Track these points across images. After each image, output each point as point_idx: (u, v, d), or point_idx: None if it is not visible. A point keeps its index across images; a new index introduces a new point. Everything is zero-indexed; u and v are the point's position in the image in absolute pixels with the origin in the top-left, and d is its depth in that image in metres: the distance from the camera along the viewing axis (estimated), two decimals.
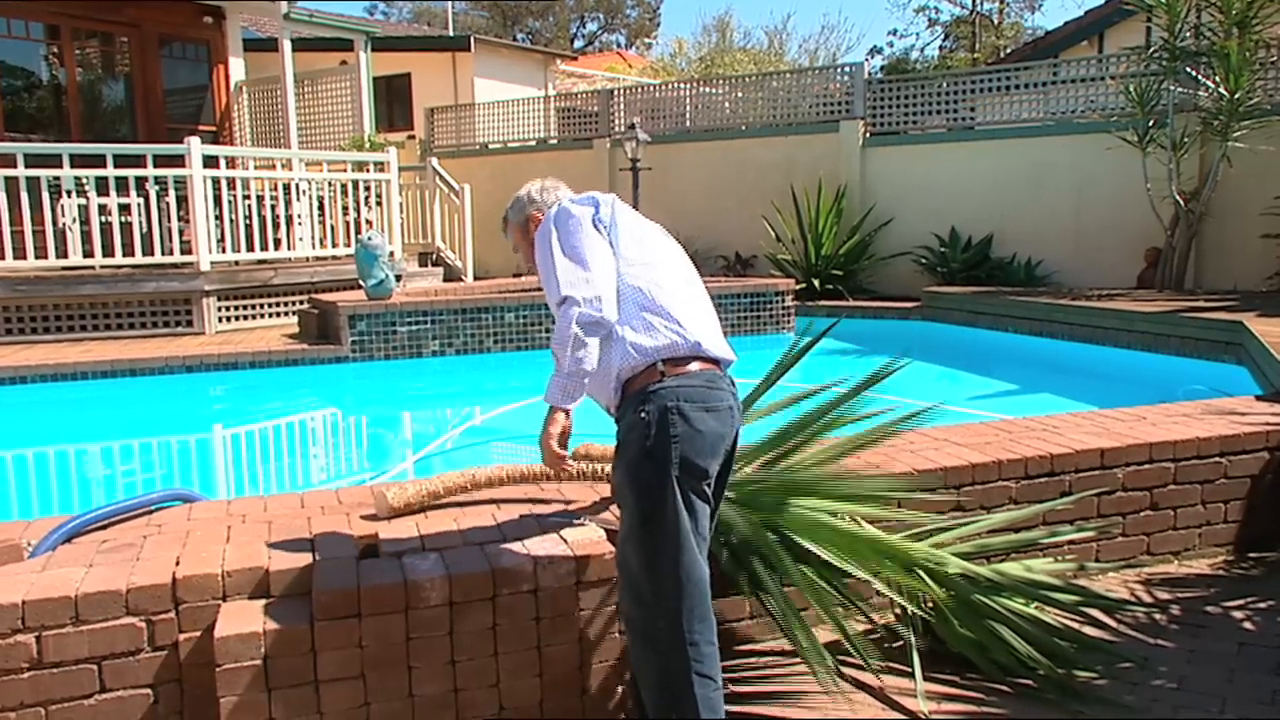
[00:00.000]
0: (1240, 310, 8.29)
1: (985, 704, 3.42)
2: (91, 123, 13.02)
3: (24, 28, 12.45)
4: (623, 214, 3.10)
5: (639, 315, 2.86)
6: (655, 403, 2.74)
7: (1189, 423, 4.81)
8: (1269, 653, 3.76)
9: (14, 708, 2.88)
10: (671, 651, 2.75)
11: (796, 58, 32.91)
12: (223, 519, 3.58)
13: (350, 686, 2.94)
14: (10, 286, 9.39)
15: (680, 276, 3.06)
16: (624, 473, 2.83)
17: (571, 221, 2.98)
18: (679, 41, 35.31)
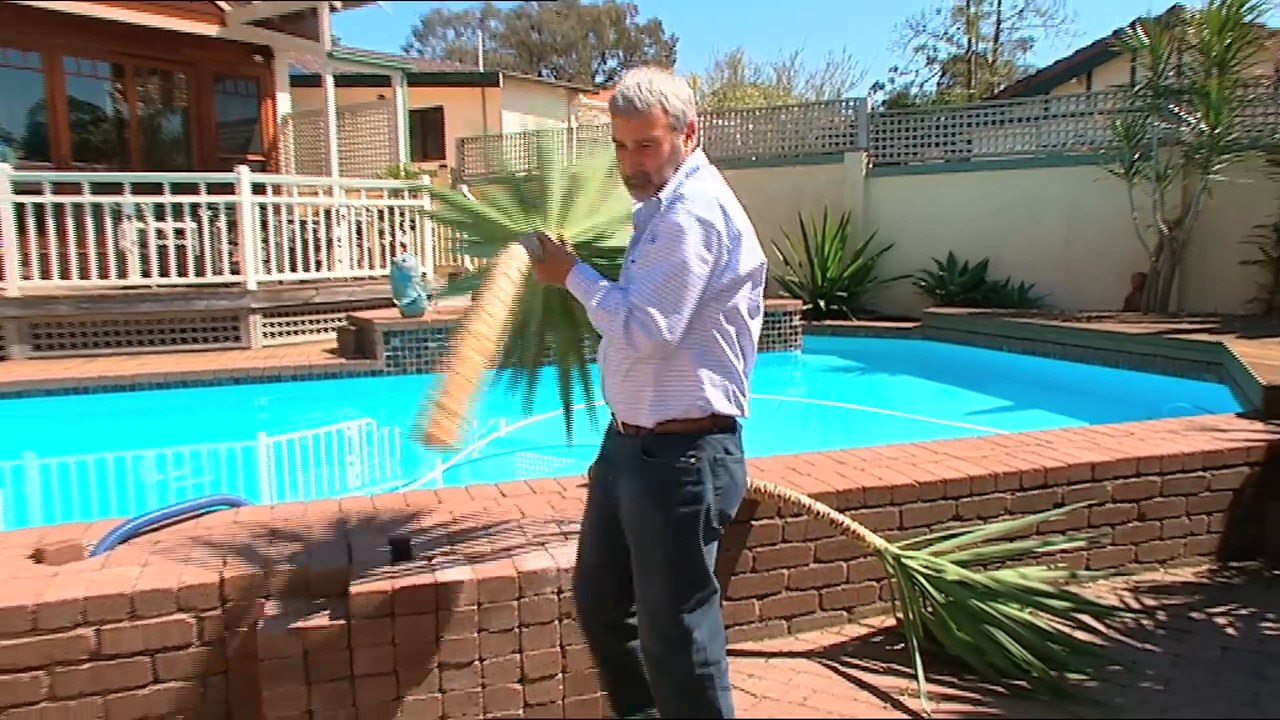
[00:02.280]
0: (1221, 332, 8.23)
1: (981, 704, 3.40)
2: (151, 153, 13.21)
3: (91, 66, 12.72)
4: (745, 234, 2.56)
5: (720, 368, 2.55)
6: (706, 451, 2.52)
7: (1174, 438, 4.78)
8: (1250, 656, 3.73)
9: (74, 696, 2.90)
10: (695, 679, 2.57)
11: (804, 92, 32.96)
12: (266, 523, 3.59)
13: (383, 682, 2.95)
14: (76, 304, 9.48)
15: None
16: (663, 517, 2.51)
17: (712, 248, 2.44)
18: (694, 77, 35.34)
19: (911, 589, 3.65)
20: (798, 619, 3.93)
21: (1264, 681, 3.54)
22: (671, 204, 2.47)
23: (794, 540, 3.87)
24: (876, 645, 3.85)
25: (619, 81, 2.44)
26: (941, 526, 4.06)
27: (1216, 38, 9.76)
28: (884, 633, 3.93)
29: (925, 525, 4.05)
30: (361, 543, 3.30)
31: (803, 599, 3.93)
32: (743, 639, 3.85)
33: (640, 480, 2.54)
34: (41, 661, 2.87)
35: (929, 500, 4.06)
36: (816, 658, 3.76)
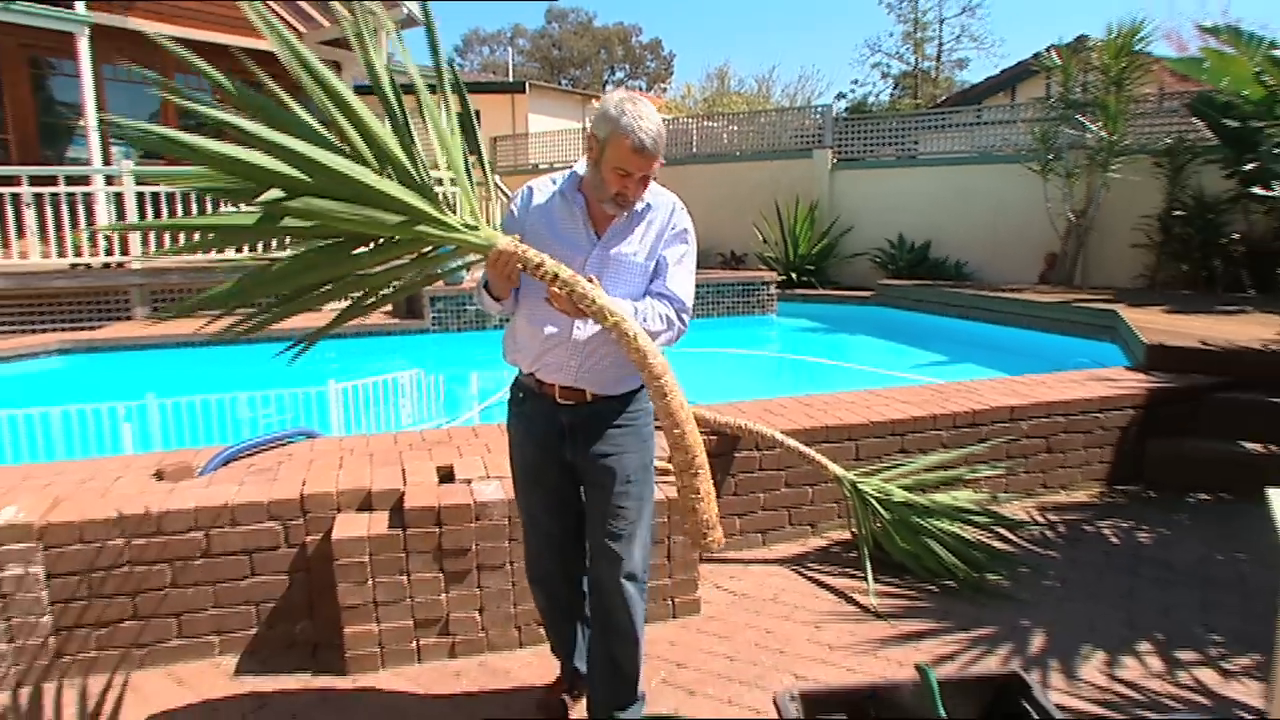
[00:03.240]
0: (1115, 302, 8.20)
1: (918, 599, 3.42)
2: None
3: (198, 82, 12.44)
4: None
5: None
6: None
7: (1076, 387, 4.77)
8: (1128, 559, 3.76)
9: (190, 585, 2.96)
10: (644, 598, 2.44)
11: (780, 99, 32.47)
12: (336, 451, 3.60)
13: (433, 579, 2.97)
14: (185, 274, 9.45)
15: None
16: (641, 459, 2.40)
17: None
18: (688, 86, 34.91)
19: (864, 509, 3.66)
20: (771, 533, 3.96)
21: (1137, 577, 3.58)
22: (672, 210, 2.35)
23: (769, 469, 3.88)
24: (835, 554, 3.87)
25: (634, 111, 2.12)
26: (889, 458, 4.07)
27: (1114, 61, 9.79)
28: (840, 544, 3.96)
29: (876, 457, 4.06)
30: (414, 467, 3.31)
31: (775, 517, 3.95)
32: (726, 549, 3.87)
33: (627, 433, 2.37)
34: (166, 557, 2.92)
35: (880, 436, 4.07)
36: (786, 564, 3.78)
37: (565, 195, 2.30)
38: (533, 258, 2.07)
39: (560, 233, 2.28)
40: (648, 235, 2.32)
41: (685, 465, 2.10)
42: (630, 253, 2.30)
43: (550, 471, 2.40)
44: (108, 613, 2.91)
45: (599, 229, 2.30)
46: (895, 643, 3.08)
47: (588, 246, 2.28)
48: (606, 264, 2.28)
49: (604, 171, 2.17)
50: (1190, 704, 2.67)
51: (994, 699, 2.31)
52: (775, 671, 2.90)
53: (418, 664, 2.99)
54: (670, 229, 2.34)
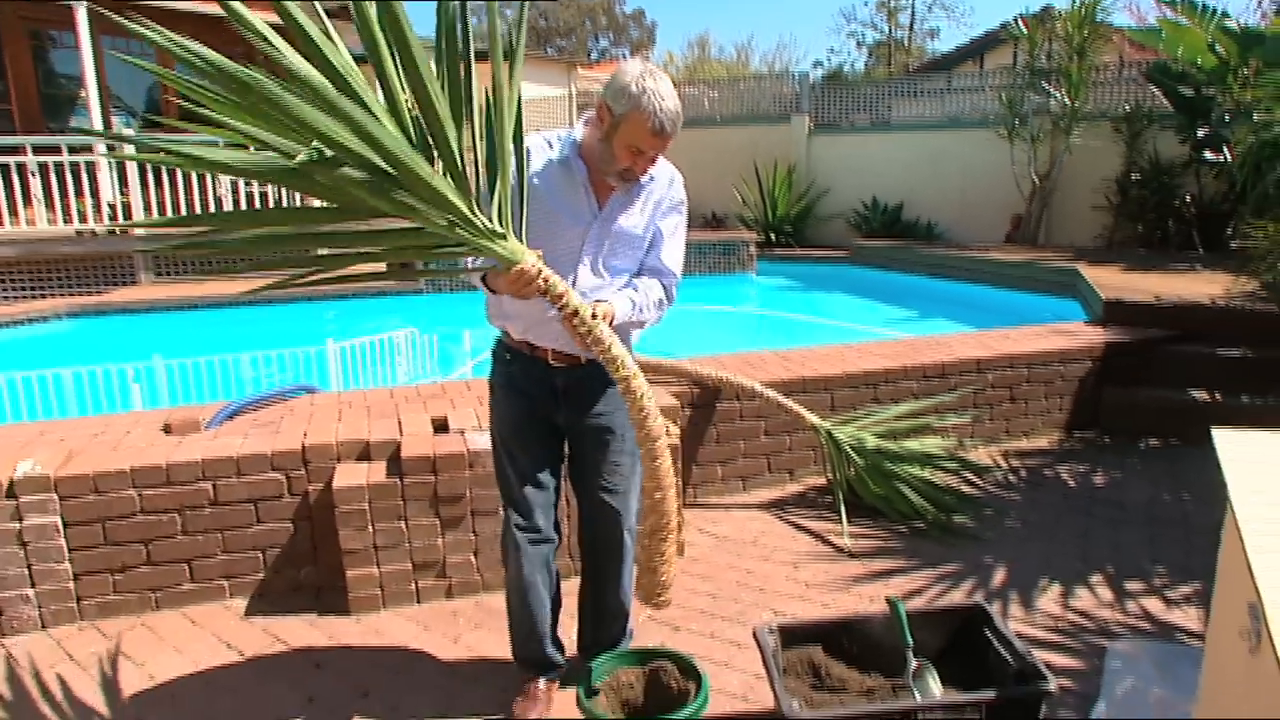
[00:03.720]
0: (1075, 260, 8.21)
1: (889, 540, 3.47)
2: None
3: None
4: None
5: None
6: None
7: (1038, 339, 4.80)
8: (1084, 501, 3.81)
9: (200, 532, 2.97)
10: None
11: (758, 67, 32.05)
12: (335, 405, 3.58)
13: (429, 524, 2.98)
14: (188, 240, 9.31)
15: None
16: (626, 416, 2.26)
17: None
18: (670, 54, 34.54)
19: (839, 455, 3.69)
20: (751, 479, 3.99)
21: (1091, 517, 3.64)
22: (670, 181, 2.24)
23: (748, 419, 3.89)
24: (811, 499, 3.91)
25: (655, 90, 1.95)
26: (863, 407, 4.09)
27: (1076, 31, 9.69)
28: (817, 489, 3.99)
29: (851, 406, 4.08)
30: (410, 419, 3.30)
31: (755, 464, 3.98)
32: (708, 494, 3.90)
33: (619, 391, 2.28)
34: (175, 506, 2.92)
35: (854, 387, 4.08)
36: (765, 508, 3.82)
37: (567, 163, 2.11)
38: (556, 285, 1.83)
39: (560, 202, 2.11)
40: (647, 206, 2.19)
41: (657, 528, 1.98)
42: (631, 226, 2.17)
43: (541, 431, 2.28)
44: (123, 559, 2.91)
45: (600, 199, 2.14)
46: (868, 580, 3.12)
47: (589, 218, 2.13)
48: (606, 237, 2.15)
49: (616, 146, 2.01)
50: (1136, 630, 2.73)
51: (958, 628, 2.35)
52: (755, 608, 2.94)
53: (417, 604, 3.01)
54: (669, 200, 2.23)
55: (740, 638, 2.72)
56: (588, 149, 2.11)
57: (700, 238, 10.93)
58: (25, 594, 2.84)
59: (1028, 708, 2.03)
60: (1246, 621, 1.50)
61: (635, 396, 1.86)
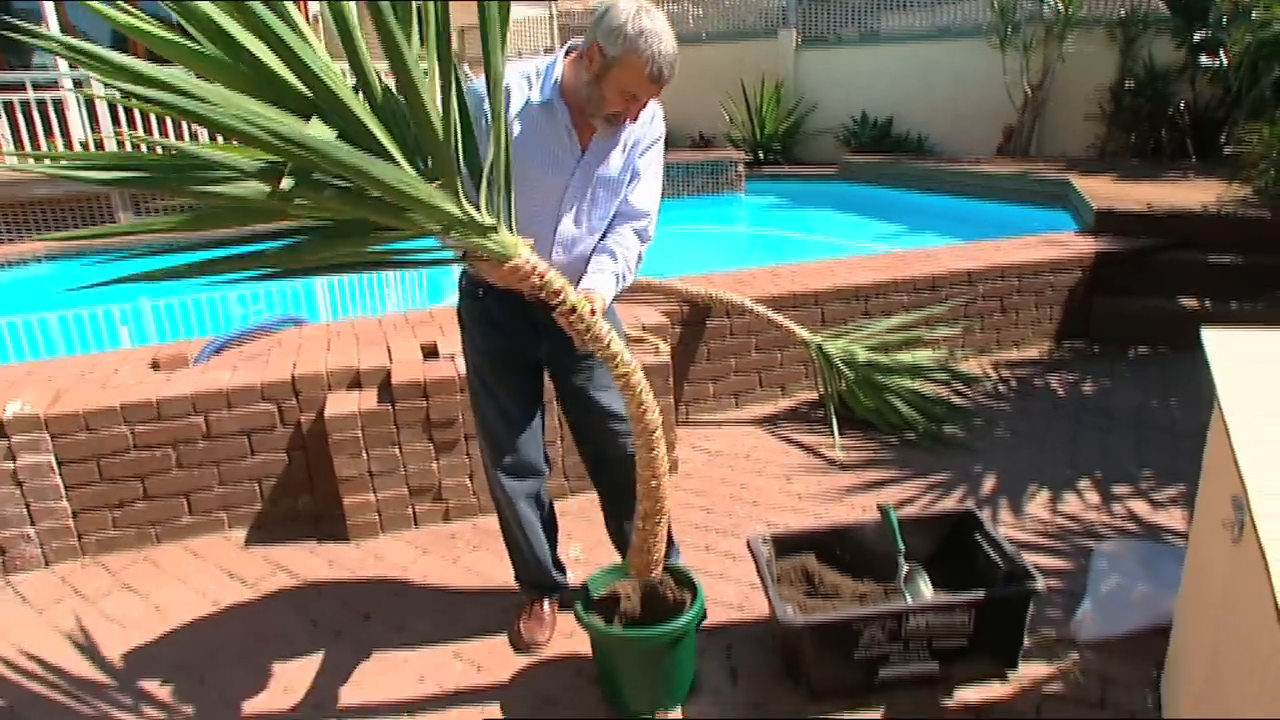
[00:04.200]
0: (1068, 171, 8.12)
1: (880, 451, 3.51)
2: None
3: None
4: None
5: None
6: None
7: (1029, 250, 4.76)
8: (1073, 409, 3.85)
9: (195, 465, 2.98)
10: None
11: None
12: (324, 335, 3.55)
13: (423, 449, 2.99)
14: None
15: None
16: (620, 334, 2.23)
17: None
18: None
19: (830, 369, 3.70)
20: (742, 395, 4.00)
21: (1080, 425, 3.67)
22: (652, 117, 2.08)
23: (739, 335, 3.89)
24: (803, 413, 3.93)
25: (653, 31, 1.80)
26: (854, 321, 4.08)
27: None
28: (808, 404, 4.02)
29: (841, 321, 4.07)
30: (399, 346, 3.28)
31: (746, 380, 3.99)
32: (700, 411, 3.92)
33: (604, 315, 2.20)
34: (168, 440, 2.92)
35: (844, 301, 4.07)
36: (757, 424, 3.84)
37: (549, 106, 1.93)
38: (552, 281, 1.70)
39: (540, 149, 1.94)
40: (627, 146, 2.05)
41: (652, 512, 1.94)
42: (613, 170, 2.03)
43: (520, 365, 2.18)
44: (120, 495, 2.93)
45: (583, 142, 1.98)
46: (859, 491, 3.16)
47: (571, 164, 1.97)
48: (589, 185, 2.00)
49: (606, 89, 1.85)
50: (1122, 531, 2.79)
51: (949, 533, 2.40)
52: (749, 521, 2.98)
53: (415, 529, 3.05)
54: (649, 137, 2.07)
55: (735, 550, 2.77)
56: (571, 89, 1.92)
57: (688, 158, 10.75)
58: (26, 533, 2.86)
59: (1016, 607, 2.08)
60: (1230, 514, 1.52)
61: (634, 391, 1.80)
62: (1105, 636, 2.26)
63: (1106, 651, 2.20)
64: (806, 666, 2.03)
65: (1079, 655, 2.20)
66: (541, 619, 2.39)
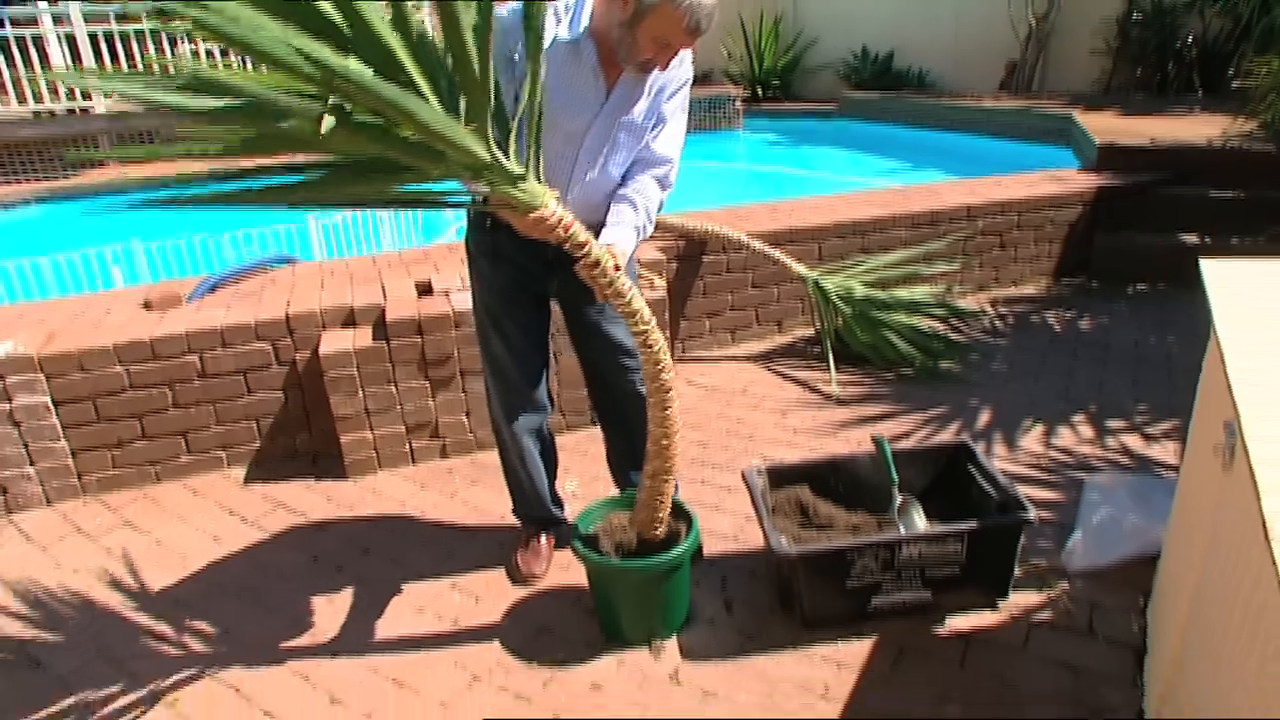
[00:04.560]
0: (1072, 106, 7.98)
1: (877, 386, 3.51)
2: None
3: None
4: None
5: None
6: None
7: (1030, 186, 4.71)
8: (1070, 344, 3.85)
9: (191, 404, 2.98)
10: None
11: None
12: (317, 274, 3.53)
13: (419, 386, 2.99)
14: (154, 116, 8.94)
15: None
16: (633, 270, 2.35)
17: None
18: None
19: (827, 305, 3.68)
20: (739, 331, 4.00)
21: (1077, 360, 3.67)
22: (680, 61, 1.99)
23: (735, 270, 3.86)
24: (799, 349, 3.93)
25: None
26: (852, 257, 4.05)
27: None
28: (805, 340, 4.01)
29: (840, 257, 4.04)
30: (393, 284, 3.26)
31: (743, 316, 3.98)
32: (696, 348, 3.92)
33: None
34: (164, 380, 2.92)
35: (842, 237, 4.03)
36: (754, 360, 3.84)
37: (576, 45, 1.87)
38: (577, 233, 1.67)
39: (565, 88, 1.88)
40: (653, 90, 1.98)
41: (660, 470, 1.93)
42: (637, 115, 1.97)
43: (529, 299, 2.17)
44: (118, 434, 2.93)
45: (609, 83, 1.92)
46: (855, 425, 3.18)
47: (595, 106, 1.92)
48: (611, 127, 1.94)
49: (640, 35, 1.79)
50: (1116, 465, 2.81)
51: (943, 465, 2.41)
52: (745, 455, 2.99)
53: (413, 465, 3.07)
54: (676, 81, 2.00)
55: (730, 483, 2.79)
56: (601, 29, 1.85)
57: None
58: (26, 472, 2.88)
59: (1007, 537, 2.11)
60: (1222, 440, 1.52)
61: (652, 350, 1.79)
62: (1095, 566, 2.28)
63: (1096, 581, 2.23)
64: (800, 596, 2.06)
65: (1069, 584, 2.23)
66: (539, 552, 2.42)
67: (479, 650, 2.11)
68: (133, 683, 2.07)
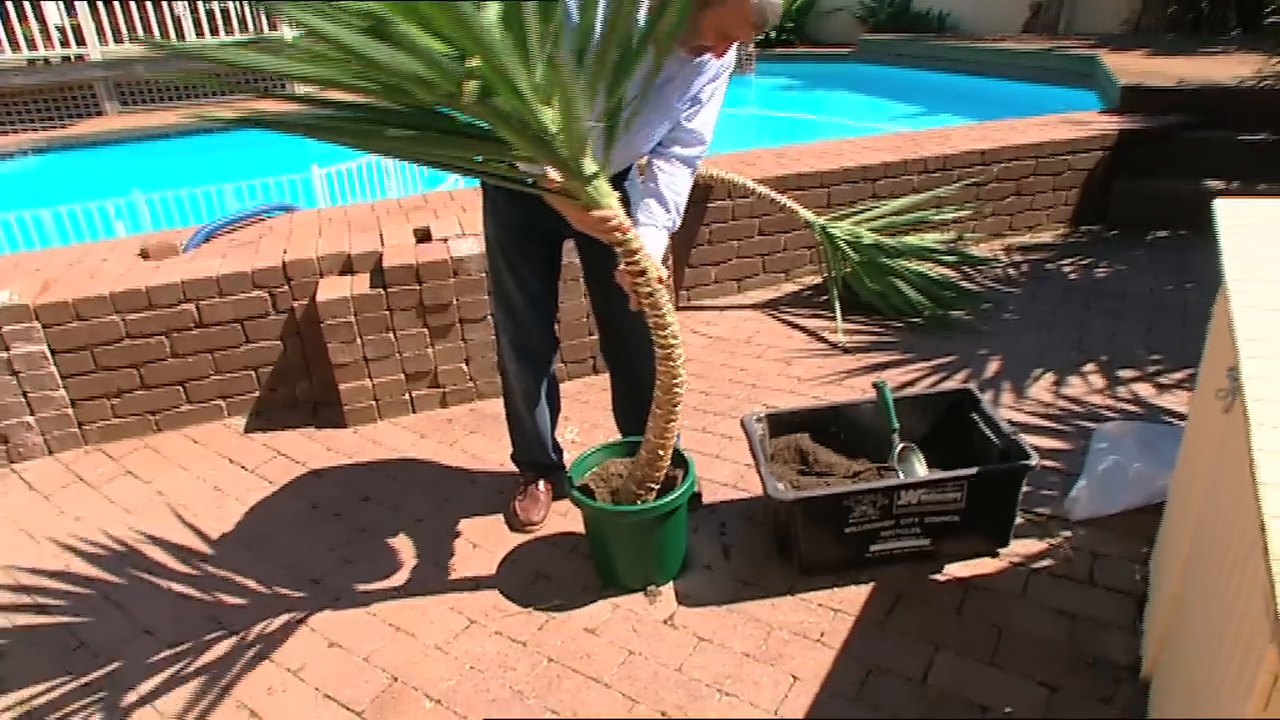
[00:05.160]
0: (1098, 48, 7.79)
1: (884, 335, 3.50)
2: None
3: None
4: None
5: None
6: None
7: (1047, 130, 4.61)
8: (1084, 293, 3.81)
9: (190, 354, 3.01)
10: None
11: None
12: (315, 222, 3.53)
13: (418, 334, 3.01)
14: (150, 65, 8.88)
15: None
16: None
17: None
18: None
19: (835, 252, 3.65)
20: (745, 280, 3.98)
21: (1090, 309, 3.64)
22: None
23: (742, 217, 3.83)
24: (806, 298, 3.91)
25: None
26: (861, 204, 4.00)
27: None
28: (812, 289, 3.99)
29: (849, 203, 3.99)
30: (392, 230, 3.25)
31: (749, 264, 3.96)
32: (702, 296, 3.91)
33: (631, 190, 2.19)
34: (161, 329, 2.94)
35: (852, 182, 3.98)
36: (759, 308, 3.83)
37: None
38: (632, 240, 1.68)
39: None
40: (697, 71, 1.94)
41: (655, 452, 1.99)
42: (676, 92, 1.94)
43: (543, 238, 2.16)
44: (118, 383, 2.97)
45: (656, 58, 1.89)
46: (861, 373, 3.17)
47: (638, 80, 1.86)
48: (648, 100, 1.86)
49: (703, 23, 1.75)
50: (1125, 413, 2.79)
51: (946, 413, 2.41)
52: (748, 403, 3.00)
53: (413, 414, 3.09)
54: (719, 64, 1.95)
55: (732, 431, 2.80)
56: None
57: None
58: (27, 421, 2.92)
59: (1008, 483, 2.10)
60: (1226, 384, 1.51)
61: (672, 364, 1.83)
62: (1099, 514, 2.29)
63: (1100, 528, 2.24)
64: (798, 542, 2.08)
65: (1071, 533, 2.23)
66: (537, 499, 2.45)
67: (475, 596, 2.15)
68: (135, 627, 2.12)
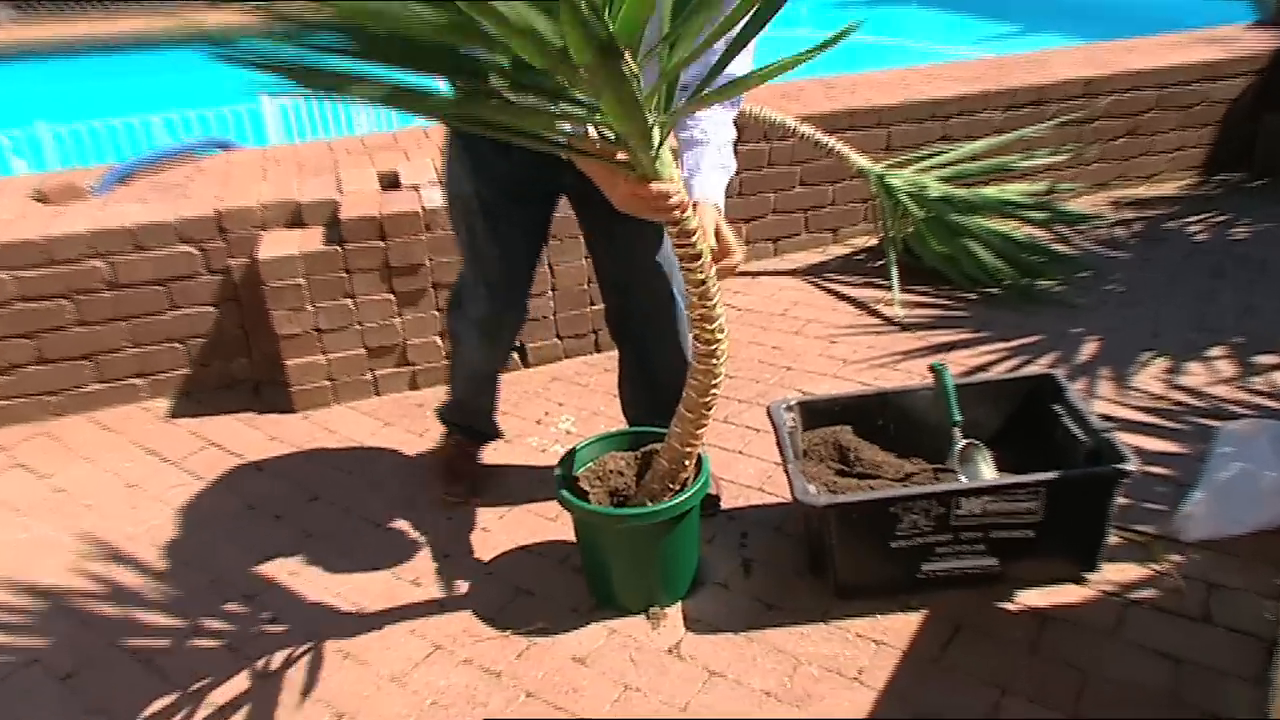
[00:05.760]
0: None
1: (951, 309, 3.51)
2: None
3: None
4: None
5: None
6: None
7: (1175, 51, 4.57)
8: (1213, 258, 3.79)
9: (100, 322, 3.07)
10: None
11: None
12: (258, 162, 3.58)
13: (382, 300, 3.06)
14: None
15: None
16: None
17: None
18: None
19: (894, 207, 3.66)
20: (783, 240, 4.00)
21: (1222, 279, 3.62)
22: None
23: (779, 164, 3.85)
24: (858, 263, 3.93)
25: None
26: (929, 147, 4.00)
27: None
28: (865, 251, 4.01)
29: (914, 147, 4.00)
30: (352, 175, 3.29)
31: (788, 221, 3.97)
32: None
33: None
34: (63, 290, 3.00)
35: (917, 120, 3.98)
36: (800, 275, 3.85)
37: None
38: (690, 220, 1.73)
39: None
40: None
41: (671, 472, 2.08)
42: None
43: (535, 193, 2.22)
44: (7, 357, 3.02)
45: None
46: (919, 354, 3.18)
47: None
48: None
49: None
50: (1259, 409, 2.77)
51: (1023, 403, 2.42)
52: (779, 389, 3.03)
53: (376, 396, 3.16)
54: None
55: (759, 422, 2.83)
56: None
57: None
58: None
59: (1098, 492, 2.09)
60: None
61: (714, 362, 1.93)
62: (1220, 535, 2.25)
63: (1220, 553, 2.20)
64: (832, 557, 2.11)
65: (1182, 557, 2.21)
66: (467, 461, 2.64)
67: (443, 617, 2.20)
68: (19, 655, 2.16)
